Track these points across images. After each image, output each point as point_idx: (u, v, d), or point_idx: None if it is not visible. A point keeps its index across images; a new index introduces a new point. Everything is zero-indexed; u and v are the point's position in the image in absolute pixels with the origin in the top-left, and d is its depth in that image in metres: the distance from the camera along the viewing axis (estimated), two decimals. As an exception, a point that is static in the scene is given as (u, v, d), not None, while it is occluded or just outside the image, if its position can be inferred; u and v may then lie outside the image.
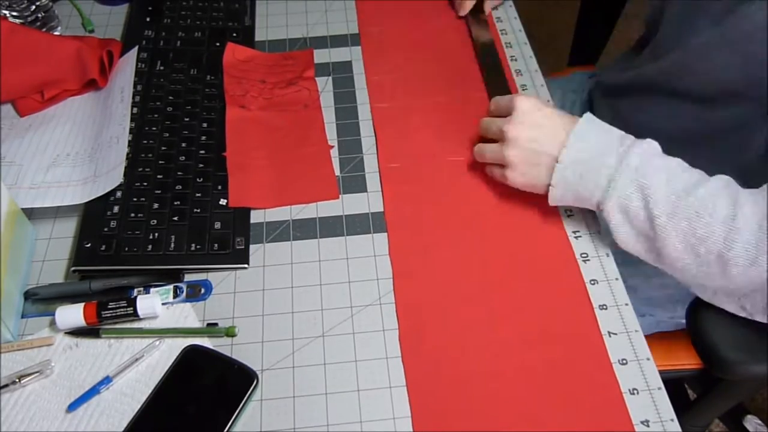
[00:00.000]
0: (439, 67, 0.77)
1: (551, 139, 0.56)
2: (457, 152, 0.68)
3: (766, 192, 0.51)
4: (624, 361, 0.54)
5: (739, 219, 0.49)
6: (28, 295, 0.57)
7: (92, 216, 0.62)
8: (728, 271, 0.50)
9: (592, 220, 0.63)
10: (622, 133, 0.56)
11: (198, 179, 0.65)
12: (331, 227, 0.63)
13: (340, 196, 0.65)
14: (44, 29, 0.79)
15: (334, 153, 0.69)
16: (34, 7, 0.78)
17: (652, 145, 0.54)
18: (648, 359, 0.54)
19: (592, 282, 0.58)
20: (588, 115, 0.57)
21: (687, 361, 0.75)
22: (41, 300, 0.57)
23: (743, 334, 0.59)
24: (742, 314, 0.55)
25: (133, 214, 0.62)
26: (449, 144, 0.69)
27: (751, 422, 1.20)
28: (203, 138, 0.68)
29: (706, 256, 0.51)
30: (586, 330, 0.55)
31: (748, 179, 0.54)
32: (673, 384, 0.53)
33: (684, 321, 0.68)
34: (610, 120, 0.57)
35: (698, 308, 0.61)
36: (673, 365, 0.53)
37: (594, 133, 0.56)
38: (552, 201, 0.58)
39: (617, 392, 0.52)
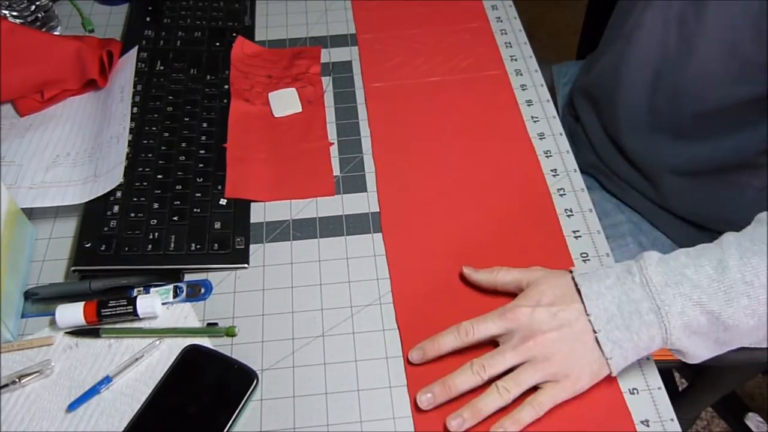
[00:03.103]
0: (439, 71, 0.77)
1: (574, 316, 0.50)
2: (453, 153, 0.68)
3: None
4: (624, 361, 0.53)
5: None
6: (28, 295, 0.57)
7: (92, 216, 0.62)
8: None
9: (593, 220, 0.63)
10: (618, 265, 0.52)
11: (198, 179, 0.65)
12: (331, 227, 0.63)
13: (340, 196, 0.65)
14: (44, 29, 0.79)
15: (335, 152, 0.69)
16: (34, 7, 0.78)
17: (652, 254, 0.51)
18: (648, 359, 0.54)
19: (592, 282, 0.58)
20: (578, 277, 0.52)
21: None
22: (41, 300, 0.57)
23: None
24: None
25: (133, 214, 0.62)
26: (446, 146, 0.69)
27: (753, 420, 1.20)
28: (203, 138, 0.68)
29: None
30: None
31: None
32: (661, 374, 0.53)
33: None
34: (590, 111, 0.56)
35: None
36: (658, 355, 0.53)
37: (596, 283, 0.51)
38: (617, 370, 0.50)
39: (617, 392, 0.52)
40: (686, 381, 1.25)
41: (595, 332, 0.49)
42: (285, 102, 0.72)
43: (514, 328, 0.51)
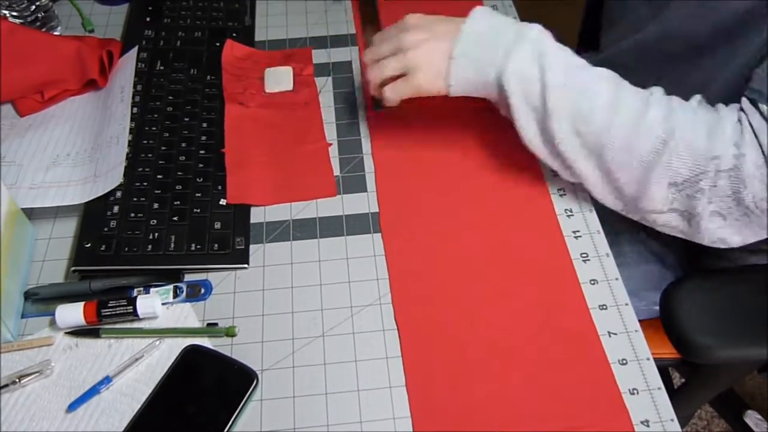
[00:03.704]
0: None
1: (448, 32, 0.58)
2: (453, 153, 0.68)
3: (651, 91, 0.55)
4: (624, 361, 0.54)
5: (620, 102, 0.53)
6: (28, 295, 0.57)
7: (92, 216, 0.62)
8: (604, 156, 0.54)
9: (593, 220, 0.63)
10: (517, 20, 0.59)
11: (198, 179, 0.65)
12: (331, 227, 0.63)
13: (341, 196, 0.65)
14: (44, 29, 0.79)
15: (334, 153, 0.69)
16: (34, 7, 0.78)
17: (545, 30, 0.57)
18: (648, 359, 0.54)
19: (592, 282, 0.58)
20: (481, 6, 0.59)
21: (667, 349, 0.76)
22: (41, 300, 0.57)
23: (713, 319, 0.61)
24: (621, 210, 0.59)
25: (133, 214, 0.62)
26: (446, 146, 0.69)
27: (752, 417, 1.20)
28: (203, 138, 0.68)
29: (587, 137, 0.54)
30: (586, 330, 0.55)
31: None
32: (659, 372, 0.54)
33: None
34: None
35: (670, 294, 0.62)
36: (656, 353, 0.53)
37: (489, 16, 0.58)
38: (455, 83, 0.58)
39: (617, 392, 0.52)
40: (684, 378, 1.25)
41: (460, 33, 0.56)
42: (279, 78, 0.74)
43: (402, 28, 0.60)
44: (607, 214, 0.61)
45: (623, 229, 0.79)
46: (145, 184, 0.64)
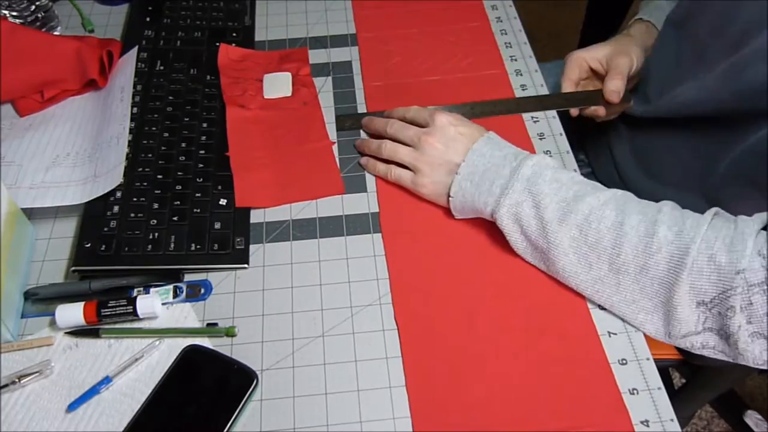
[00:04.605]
0: (439, 70, 0.77)
1: (459, 152, 0.60)
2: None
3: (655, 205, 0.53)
4: (624, 361, 0.54)
5: (626, 225, 0.51)
6: (28, 295, 0.57)
7: (92, 216, 0.62)
8: (623, 284, 0.53)
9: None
10: (518, 149, 0.59)
11: (198, 179, 0.65)
12: (331, 227, 0.63)
13: (341, 196, 0.65)
14: (44, 29, 0.79)
15: (334, 152, 0.69)
16: (34, 7, 0.78)
17: (545, 159, 0.57)
18: (648, 359, 0.54)
19: (592, 282, 0.58)
20: (490, 133, 0.61)
21: (669, 350, 0.76)
22: (41, 300, 0.57)
23: None
24: (663, 338, 0.54)
25: (133, 214, 0.62)
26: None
27: (751, 417, 1.20)
28: (203, 138, 0.68)
29: (598, 265, 0.53)
30: (586, 330, 0.55)
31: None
32: (659, 372, 0.54)
33: None
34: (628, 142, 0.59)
35: None
36: (656, 353, 0.53)
37: (490, 149, 0.59)
38: (454, 212, 0.61)
39: (617, 392, 0.52)
40: (685, 379, 1.25)
41: (457, 174, 0.59)
42: (277, 84, 0.74)
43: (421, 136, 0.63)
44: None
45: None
46: (145, 184, 0.64)
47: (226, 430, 0.49)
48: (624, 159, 0.81)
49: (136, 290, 0.58)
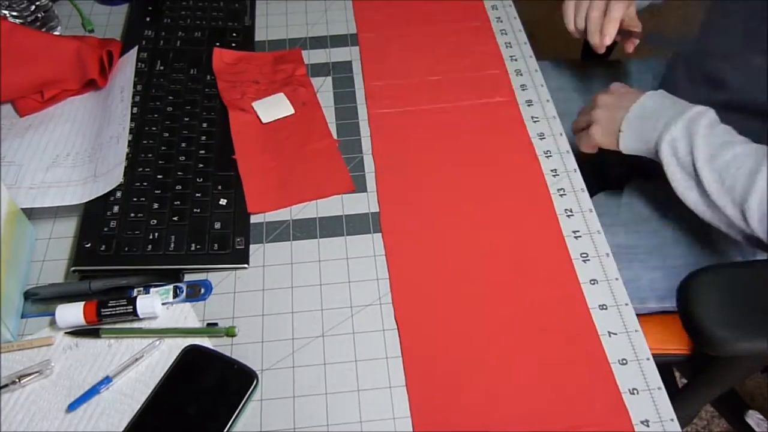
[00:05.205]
0: (439, 70, 0.77)
1: (632, 99, 0.67)
2: (453, 154, 0.68)
3: None
4: (624, 361, 0.54)
5: (759, 174, 0.57)
6: (28, 295, 0.57)
7: (92, 216, 0.62)
8: (749, 220, 0.59)
9: (593, 220, 0.63)
10: (686, 102, 0.65)
11: (198, 179, 0.65)
12: (331, 227, 0.63)
13: (341, 196, 0.65)
14: (44, 29, 0.79)
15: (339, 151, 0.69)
16: (34, 7, 0.78)
17: (709, 111, 0.63)
18: (648, 359, 0.54)
19: (592, 282, 0.58)
20: (662, 91, 0.68)
21: (674, 345, 0.76)
22: (41, 300, 0.57)
23: (732, 311, 0.60)
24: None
25: (133, 214, 0.62)
26: (446, 147, 0.69)
27: (753, 417, 1.20)
28: (203, 138, 0.68)
29: (732, 205, 0.59)
30: (586, 330, 0.55)
31: None
32: (661, 370, 0.54)
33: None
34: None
35: (687, 288, 0.62)
36: (657, 349, 0.53)
37: (661, 96, 0.66)
38: (622, 147, 0.67)
39: (617, 392, 0.52)
40: (686, 379, 1.25)
41: (629, 112, 0.66)
42: (273, 107, 0.72)
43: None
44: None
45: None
46: (145, 184, 0.64)
47: (226, 430, 0.49)
48: None
49: (136, 290, 0.58)
